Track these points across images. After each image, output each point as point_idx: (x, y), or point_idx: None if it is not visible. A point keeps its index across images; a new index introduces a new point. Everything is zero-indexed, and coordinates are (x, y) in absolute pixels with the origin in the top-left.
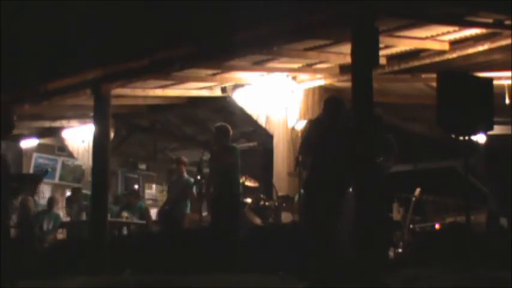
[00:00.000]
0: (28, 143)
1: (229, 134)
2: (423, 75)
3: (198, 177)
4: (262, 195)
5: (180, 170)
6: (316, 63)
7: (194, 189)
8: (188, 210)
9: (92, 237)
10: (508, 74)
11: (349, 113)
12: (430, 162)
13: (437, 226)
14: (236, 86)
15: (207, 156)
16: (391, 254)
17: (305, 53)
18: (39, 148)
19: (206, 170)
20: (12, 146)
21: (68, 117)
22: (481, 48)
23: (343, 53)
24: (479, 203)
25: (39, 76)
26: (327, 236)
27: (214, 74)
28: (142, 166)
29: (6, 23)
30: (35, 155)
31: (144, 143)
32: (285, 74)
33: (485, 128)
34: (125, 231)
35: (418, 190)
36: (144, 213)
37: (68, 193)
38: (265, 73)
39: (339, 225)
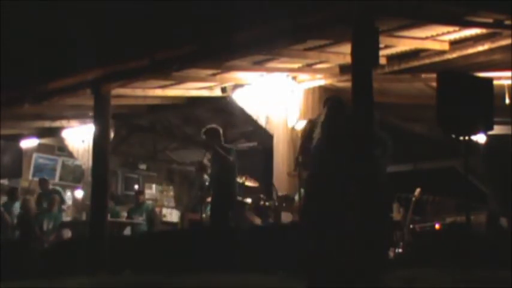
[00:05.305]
0: (28, 143)
1: (221, 134)
2: (423, 75)
3: None
4: (262, 195)
5: None
6: (316, 63)
7: None
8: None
9: (92, 237)
10: (508, 74)
11: (349, 113)
12: (430, 162)
13: (437, 226)
14: (236, 86)
15: (208, 157)
16: (391, 254)
17: (305, 53)
18: (39, 148)
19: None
20: (12, 146)
21: (68, 117)
22: (481, 48)
23: (343, 53)
24: (479, 203)
25: (39, 76)
26: (327, 236)
27: (214, 74)
28: (142, 166)
29: (7, 23)
30: (35, 155)
31: (144, 143)
32: (285, 74)
33: (485, 128)
34: (128, 231)
35: (418, 190)
36: (151, 214)
37: (69, 193)
38: (265, 73)
39: (339, 226)
